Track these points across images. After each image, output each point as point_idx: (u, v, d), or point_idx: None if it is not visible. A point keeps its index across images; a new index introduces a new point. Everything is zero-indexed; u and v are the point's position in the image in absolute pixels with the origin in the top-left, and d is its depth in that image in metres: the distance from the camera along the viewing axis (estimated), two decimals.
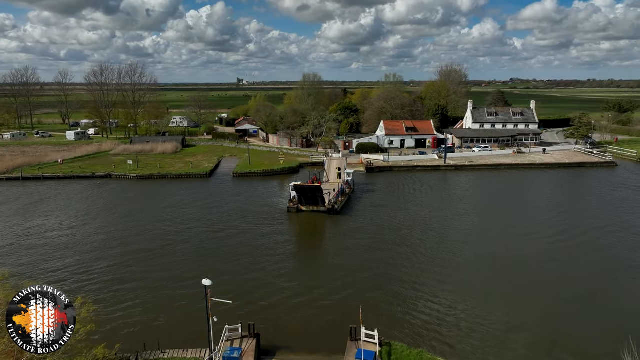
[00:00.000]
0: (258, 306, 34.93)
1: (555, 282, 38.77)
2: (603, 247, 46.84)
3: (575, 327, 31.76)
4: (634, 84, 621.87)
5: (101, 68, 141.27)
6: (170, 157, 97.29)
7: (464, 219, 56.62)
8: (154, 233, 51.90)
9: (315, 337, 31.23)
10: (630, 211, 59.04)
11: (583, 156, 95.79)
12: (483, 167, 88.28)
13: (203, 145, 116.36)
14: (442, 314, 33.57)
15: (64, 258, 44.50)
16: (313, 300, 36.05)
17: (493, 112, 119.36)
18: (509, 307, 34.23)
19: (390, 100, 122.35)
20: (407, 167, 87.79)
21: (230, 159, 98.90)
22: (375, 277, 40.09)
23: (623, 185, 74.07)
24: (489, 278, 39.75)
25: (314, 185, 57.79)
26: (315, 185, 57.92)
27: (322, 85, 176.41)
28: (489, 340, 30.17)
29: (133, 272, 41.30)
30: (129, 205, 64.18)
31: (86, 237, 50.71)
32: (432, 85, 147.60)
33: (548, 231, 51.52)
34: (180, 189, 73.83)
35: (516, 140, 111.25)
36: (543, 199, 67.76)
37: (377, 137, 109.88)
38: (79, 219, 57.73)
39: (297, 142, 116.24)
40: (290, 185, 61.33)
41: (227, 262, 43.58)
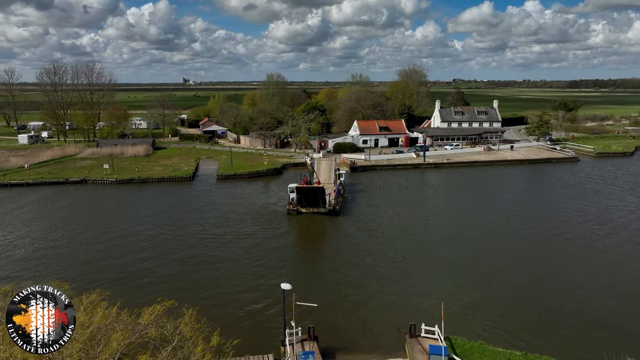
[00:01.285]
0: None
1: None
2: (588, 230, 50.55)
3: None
4: (564, 84, 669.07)
5: (54, 67, 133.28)
6: (144, 160, 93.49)
7: (458, 215, 58.89)
8: (165, 239, 49.94)
9: (367, 336, 31.48)
10: (597, 201, 63.88)
11: (548, 152, 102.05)
12: (460, 165, 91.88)
13: (174, 147, 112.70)
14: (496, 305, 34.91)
15: (89, 267, 41.91)
16: (359, 299, 36.20)
17: (459, 111, 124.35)
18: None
19: (361, 100, 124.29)
20: (389, 165, 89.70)
21: (208, 161, 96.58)
22: (415, 275, 40.95)
23: (588, 178, 79.77)
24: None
25: (316, 187, 57.72)
26: (319, 186, 57.90)
27: (286, 85, 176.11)
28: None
29: (183, 279, 39.65)
30: (129, 210, 61.25)
31: (110, 248, 47.92)
32: (397, 86, 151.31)
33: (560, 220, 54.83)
34: (164, 193, 71.23)
35: (482, 138, 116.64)
36: (531, 191, 71.72)
37: (352, 137, 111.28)
38: (74, 226, 54.39)
39: (272, 142, 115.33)
40: (289, 187, 60.82)
41: (254, 266, 42.79)
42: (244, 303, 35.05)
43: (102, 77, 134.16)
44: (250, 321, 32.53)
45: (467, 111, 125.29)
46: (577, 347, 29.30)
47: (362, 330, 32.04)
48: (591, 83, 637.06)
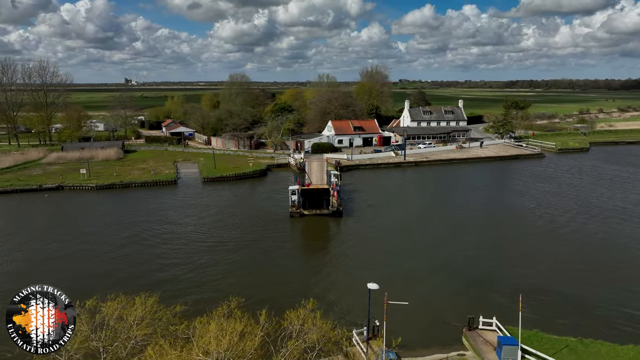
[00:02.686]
0: (345, 307, 34.73)
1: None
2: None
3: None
4: (502, 85, 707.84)
5: (2, 66, 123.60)
6: (118, 164, 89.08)
7: (452, 209, 61.12)
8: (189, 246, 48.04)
9: (422, 330, 32.04)
10: (575, 193, 68.62)
11: (515, 149, 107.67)
12: (439, 162, 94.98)
13: (144, 150, 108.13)
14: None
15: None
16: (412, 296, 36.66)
17: (428, 110, 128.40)
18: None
19: (332, 100, 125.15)
20: (372, 164, 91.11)
21: (185, 163, 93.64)
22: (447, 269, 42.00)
23: (558, 171, 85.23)
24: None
25: (321, 188, 57.50)
26: (324, 187, 57.68)
27: (250, 85, 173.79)
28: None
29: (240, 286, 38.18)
30: (130, 217, 58.17)
31: (141, 262, 45.20)
32: (363, 86, 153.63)
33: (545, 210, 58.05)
34: (154, 197, 68.46)
35: (451, 136, 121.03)
36: (516, 184, 75.46)
37: (328, 137, 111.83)
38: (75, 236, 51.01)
39: (246, 144, 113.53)
40: (290, 189, 60.09)
41: (292, 270, 42.23)
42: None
43: (57, 77, 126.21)
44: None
45: (435, 110, 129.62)
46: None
47: (414, 326, 32.57)
48: (526, 83, 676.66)
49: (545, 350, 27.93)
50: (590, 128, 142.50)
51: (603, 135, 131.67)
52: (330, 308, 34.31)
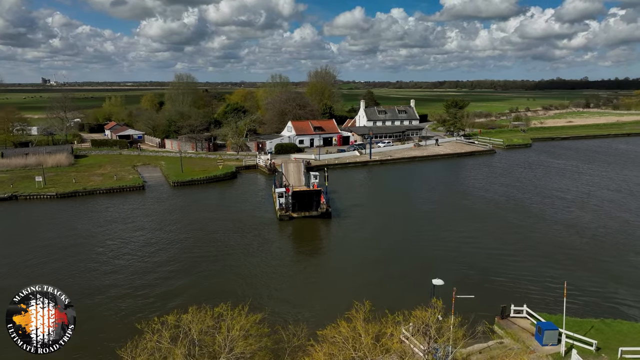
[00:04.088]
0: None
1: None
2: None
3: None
4: (430, 85, 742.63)
5: None
6: (72, 171, 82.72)
7: (435, 205, 63.46)
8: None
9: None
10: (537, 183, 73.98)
11: (469, 146, 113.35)
12: (402, 160, 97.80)
13: (96, 154, 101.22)
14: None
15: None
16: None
17: (383, 110, 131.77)
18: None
19: (290, 100, 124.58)
20: (340, 164, 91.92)
21: (146, 168, 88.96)
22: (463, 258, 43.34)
23: (513, 165, 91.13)
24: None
25: (313, 190, 56.95)
26: (317, 189, 57.21)
27: (197, 86, 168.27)
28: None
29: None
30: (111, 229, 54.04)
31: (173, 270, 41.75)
32: (315, 86, 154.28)
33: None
34: (124, 204, 64.36)
35: (406, 135, 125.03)
36: (479, 179, 79.45)
37: (289, 137, 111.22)
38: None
39: (204, 145, 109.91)
40: (277, 191, 59.05)
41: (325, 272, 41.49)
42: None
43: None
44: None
45: (389, 110, 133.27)
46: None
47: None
48: (453, 84, 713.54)
49: (575, 332, 29.87)
50: (526, 125, 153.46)
51: (539, 131, 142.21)
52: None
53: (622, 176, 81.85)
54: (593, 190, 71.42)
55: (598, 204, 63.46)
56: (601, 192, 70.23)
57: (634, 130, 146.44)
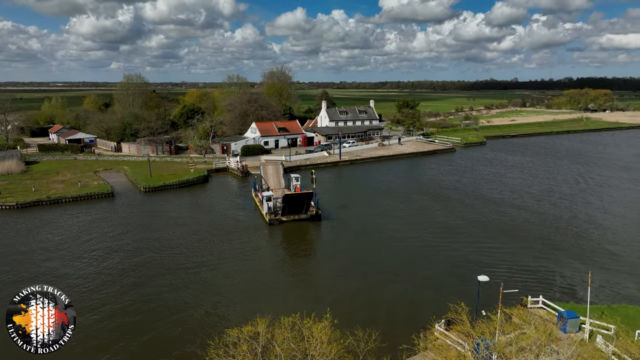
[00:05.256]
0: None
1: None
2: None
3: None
4: (373, 85, 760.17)
5: None
6: (27, 178, 76.46)
7: (420, 204, 65.16)
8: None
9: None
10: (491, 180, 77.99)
11: (430, 145, 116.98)
12: (370, 160, 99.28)
13: (47, 160, 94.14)
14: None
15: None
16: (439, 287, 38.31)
17: (344, 110, 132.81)
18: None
19: (252, 101, 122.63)
20: (311, 164, 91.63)
21: (108, 173, 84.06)
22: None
23: (474, 161, 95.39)
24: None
25: (305, 193, 56.02)
26: (309, 192, 56.34)
27: (147, 86, 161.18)
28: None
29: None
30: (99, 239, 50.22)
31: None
32: (274, 86, 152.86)
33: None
34: (96, 212, 60.49)
35: (368, 135, 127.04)
36: (451, 175, 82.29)
37: (254, 139, 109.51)
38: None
39: (164, 149, 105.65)
40: (265, 195, 57.80)
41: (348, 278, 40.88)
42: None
43: None
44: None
45: (350, 110, 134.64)
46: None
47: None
48: (395, 84, 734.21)
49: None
50: (475, 124, 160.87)
51: (489, 130, 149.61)
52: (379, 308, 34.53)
53: (574, 170, 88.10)
54: (553, 186, 76.25)
55: (561, 198, 67.85)
56: (560, 188, 75.15)
57: (572, 128, 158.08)
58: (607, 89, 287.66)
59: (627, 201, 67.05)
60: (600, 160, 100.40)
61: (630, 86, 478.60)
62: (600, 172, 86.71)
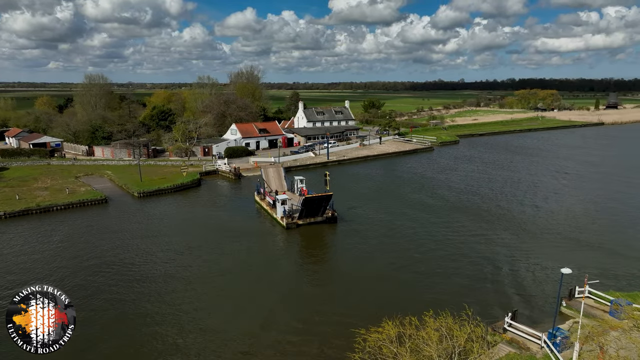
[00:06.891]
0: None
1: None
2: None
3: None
4: (326, 86, 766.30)
5: None
6: (3, 186, 70.92)
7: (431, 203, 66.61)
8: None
9: (521, 307, 35.30)
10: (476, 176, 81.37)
11: (410, 144, 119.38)
12: (357, 160, 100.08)
13: (17, 166, 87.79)
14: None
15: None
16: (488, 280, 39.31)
17: (320, 111, 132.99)
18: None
19: (229, 103, 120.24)
20: (301, 165, 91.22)
21: (91, 178, 79.71)
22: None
23: (453, 159, 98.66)
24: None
25: (324, 195, 55.04)
26: (328, 194, 55.46)
27: (111, 87, 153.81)
28: None
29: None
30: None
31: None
32: (245, 87, 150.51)
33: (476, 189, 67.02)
34: (93, 221, 57.22)
35: (345, 135, 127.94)
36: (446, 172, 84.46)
37: (235, 141, 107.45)
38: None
39: (142, 152, 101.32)
40: (279, 198, 56.59)
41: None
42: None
43: None
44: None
45: (327, 111, 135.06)
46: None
47: (517, 305, 35.58)
48: (348, 85, 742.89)
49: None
50: (442, 124, 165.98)
51: (457, 129, 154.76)
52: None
53: (554, 166, 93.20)
54: (539, 181, 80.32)
55: (549, 192, 71.65)
56: (546, 180, 79.28)
57: (532, 126, 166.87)
58: (546, 89, 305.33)
59: None
60: (605, 160, 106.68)
61: (566, 87, 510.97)
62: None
